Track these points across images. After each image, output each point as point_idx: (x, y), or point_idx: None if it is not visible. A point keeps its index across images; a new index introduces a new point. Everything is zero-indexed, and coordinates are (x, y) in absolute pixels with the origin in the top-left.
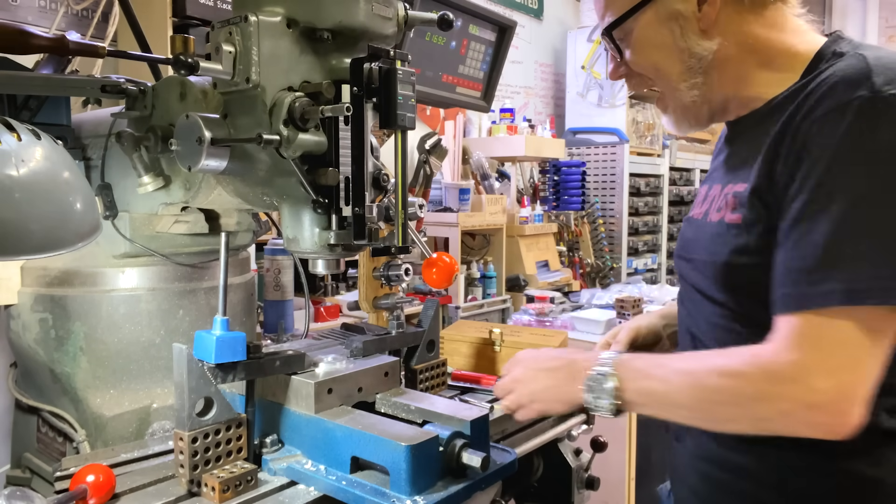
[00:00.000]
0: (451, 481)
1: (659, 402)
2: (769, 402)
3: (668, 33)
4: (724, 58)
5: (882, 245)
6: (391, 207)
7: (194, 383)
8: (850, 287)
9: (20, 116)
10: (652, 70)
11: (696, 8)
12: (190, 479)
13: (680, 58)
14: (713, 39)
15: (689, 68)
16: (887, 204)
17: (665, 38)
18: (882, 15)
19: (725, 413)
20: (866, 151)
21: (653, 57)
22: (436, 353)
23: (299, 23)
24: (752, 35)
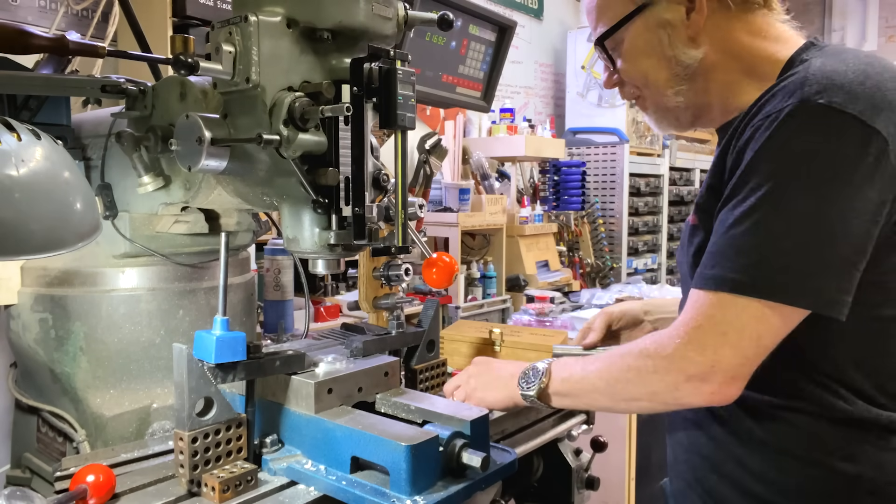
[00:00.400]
0: (451, 481)
1: (578, 388)
2: (660, 374)
3: (657, 42)
4: (710, 66)
5: (774, 245)
6: (391, 207)
7: (194, 383)
8: (739, 278)
9: (20, 116)
10: (641, 78)
11: (684, 16)
12: (190, 479)
13: (668, 65)
14: (700, 48)
15: (676, 75)
16: (787, 208)
17: (654, 46)
18: (882, 15)
19: (630, 391)
20: (780, 156)
21: (642, 65)
22: (436, 353)
23: (299, 23)
24: (737, 43)
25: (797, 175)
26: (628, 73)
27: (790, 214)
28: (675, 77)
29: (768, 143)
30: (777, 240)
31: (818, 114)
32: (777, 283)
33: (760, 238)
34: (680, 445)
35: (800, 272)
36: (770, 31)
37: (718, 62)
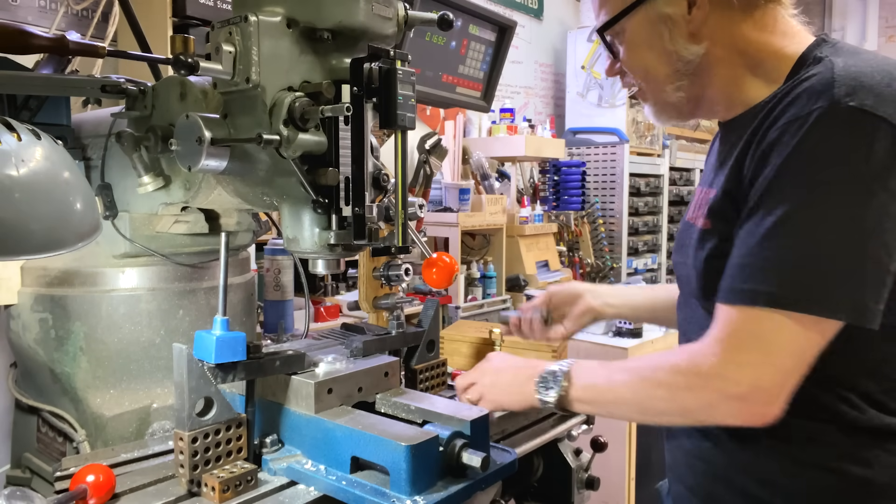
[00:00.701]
0: (451, 481)
1: (602, 398)
2: (695, 392)
3: (658, 36)
4: (713, 60)
5: (810, 256)
6: (391, 207)
7: (194, 383)
8: (775, 292)
9: (20, 116)
10: (641, 71)
11: (685, 11)
12: (190, 479)
13: (668, 60)
14: (701, 43)
15: (677, 71)
16: (822, 217)
17: (654, 40)
18: (882, 15)
19: (659, 406)
20: (812, 162)
21: (643, 58)
22: (436, 353)
23: (299, 23)
24: (741, 38)
25: (830, 182)
26: (629, 65)
27: (825, 224)
28: (675, 72)
29: (798, 149)
30: (812, 251)
31: (850, 117)
32: (815, 296)
33: (795, 250)
34: (680, 449)
35: (837, 284)
36: (777, 26)
37: (722, 57)
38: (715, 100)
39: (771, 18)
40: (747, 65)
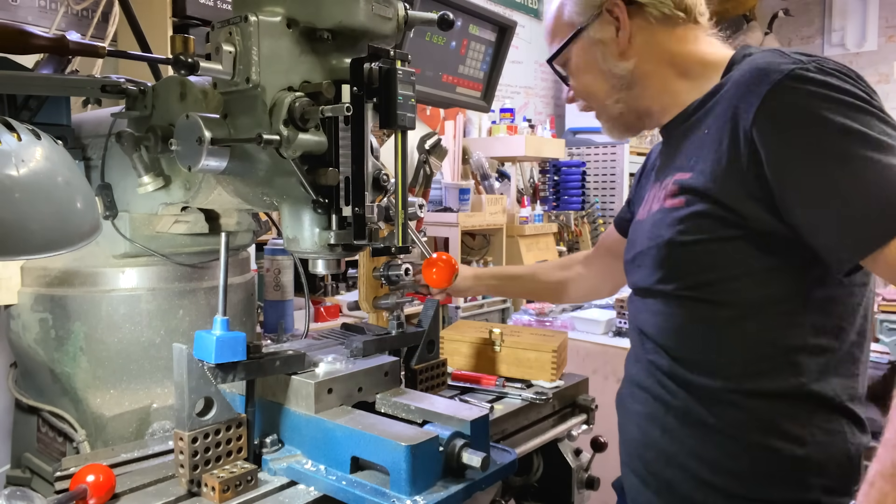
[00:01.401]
0: (451, 481)
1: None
2: None
3: (593, 58)
4: (644, 73)
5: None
6: (391, 207)
7: (194, 383)
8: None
9: (20, 116)
10: (585, 91)
11: (614, 34)
12: (190, 479)
13: (605, 78)
14: (630, 60)
15: (613, 86)
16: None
17: (591, 62)
18: (882, 15)
19: None
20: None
21: (585, 80)
22: (436, 353)
23: (299, 23)
24: (666, 51)
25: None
26: (577, 88)
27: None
28: (612, 88)
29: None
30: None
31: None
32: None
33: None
34: (632, 442)
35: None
36: (699, 38)
37: (651, 70)
38: (652, 109)
39: (692, 34)
40: (677, 73)
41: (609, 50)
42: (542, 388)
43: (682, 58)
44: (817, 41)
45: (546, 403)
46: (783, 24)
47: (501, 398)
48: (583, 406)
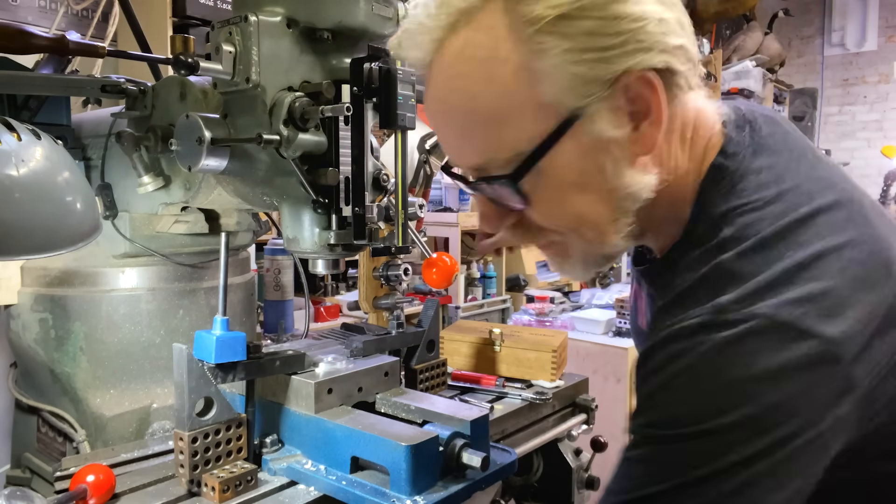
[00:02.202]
0: (450, 481)
1: None
2: None
3: (597, 170)
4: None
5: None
6: (391, 207)
7: (194, 383)
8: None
9: (20, 116)
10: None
11: (631, 131)
12: (190, 479)
13: (610, 200)
14: (654, 171)
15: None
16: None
17: (592, 176)
18: (882, 15)
19: None
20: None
21: (575, 205)
22: (436, 353)
23: (299, 23)
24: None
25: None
26: (551, 217)
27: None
28: (621, 218)
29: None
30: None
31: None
32: None
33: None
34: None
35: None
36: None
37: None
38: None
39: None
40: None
41: (623, 154)
42: (543, 388)
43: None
44: (817, 41)
45: (546, 403)
46: (783, 24)
47: (501, 398)
48: (583, 406)
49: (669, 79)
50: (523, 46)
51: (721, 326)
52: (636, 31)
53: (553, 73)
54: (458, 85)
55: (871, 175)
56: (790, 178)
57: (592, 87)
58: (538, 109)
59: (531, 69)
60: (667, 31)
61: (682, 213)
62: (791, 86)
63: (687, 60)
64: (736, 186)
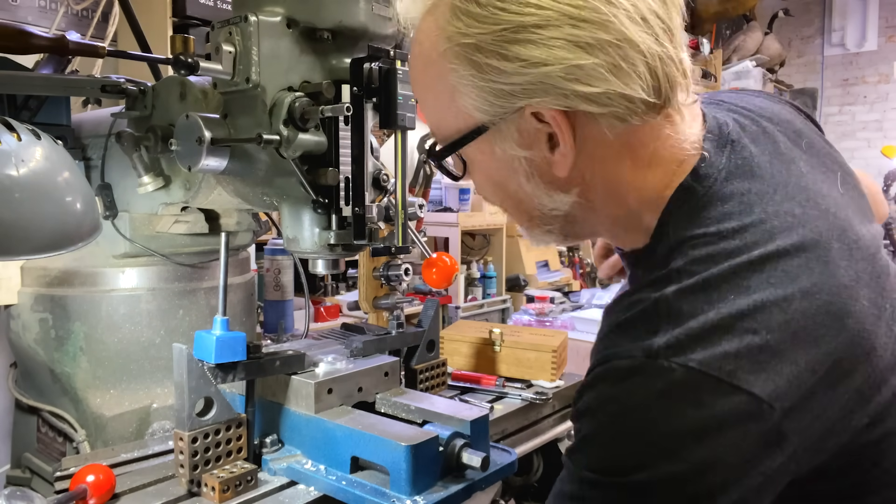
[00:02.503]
0: (450, 481)
1: None
2: None
3: (508, 175)
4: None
5: None
6: (391, 207)
7: (194, 383)
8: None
9: (20, 116)
10: (499, 205)
11: (544, 152)
12: (190, 479)
13: (529, 204)
14: (570, 192)
15: (543, 216)
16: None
17: (505, 179)
18: (882, 15)
19: None
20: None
21: (497, 195)
22: (436, 353)
23: (299, 23)
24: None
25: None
26: (482, 193)
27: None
28: (542, 217)
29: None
30: None
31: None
32: None
33: None
34: None
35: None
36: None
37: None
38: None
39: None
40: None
41: (539, 174)
42: (542, 387)
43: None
44: (817, 41)
45: (546, 403)
46: (783, 24)
47: (501, 398)
48: None
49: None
50: (443, 58)
51: (650, 374)
52: (536, 76)
53: (461, 90)
54: (413, 61)
55: (871, 175)
56: (758, 209)
57: (497, 110)
58: (456, 110)
59: (447, 79)
60: (579, 78)
61: (645, 224)
62: (791, 86)
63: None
64: (699, 213)
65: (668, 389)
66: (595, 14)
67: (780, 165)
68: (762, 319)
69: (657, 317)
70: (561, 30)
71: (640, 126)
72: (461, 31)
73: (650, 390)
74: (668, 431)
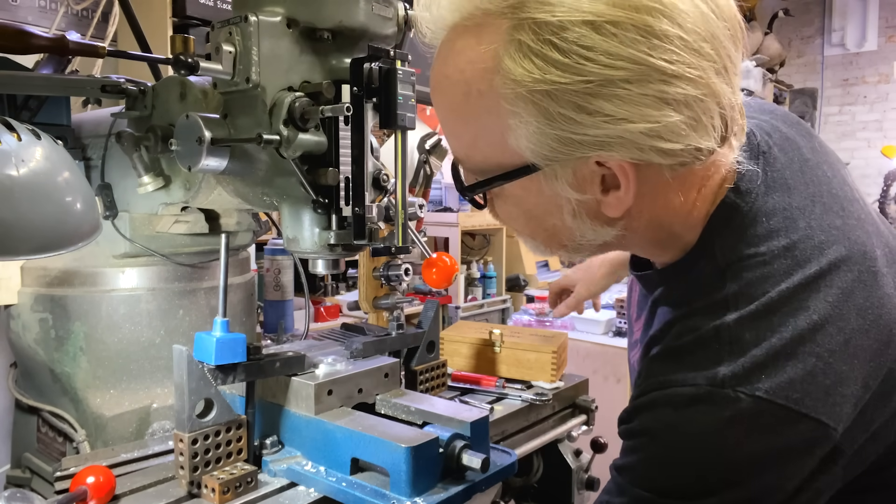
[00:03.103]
0: (451, 483)
1: None
2: None
3: (554, 213)
4: (626, 236)
5: None
6: (391, 207)
7: (194, 385)
8: None
9: (20, 116)
10: (521, 234)
11: (597, 198)
12: (190, 481)
13: (566, 236)
14: (615, 226)
15: (579, 245)
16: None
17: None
18: (882, 15)
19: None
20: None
21: (528, 226)
22: (436, 354)
23: (299, 23)
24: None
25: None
26: (504, 222)
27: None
28: (577, 247)
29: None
30: None
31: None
32: None
33: None
34: None
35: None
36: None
37: (640, 230)
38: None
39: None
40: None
41: (587, 213)
42: (542, 388)
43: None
44: (817, 41)
45: (546, 404)
46: (783, 24)
47: (501, 399)
48: (583, 407)
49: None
50: (499, 95)
51: (716, 402)
52: (616, 131)
53: (517, 131)
54: (446, 83)
55: (871, 175)
56: (803, 224)
57: (558, 155)
58: (503, 147)
59: (500, 117)
60: (660, 135)
61: (684, 241)
62: (791, 86)
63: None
64: (747, 231)
65: (735, 417)
66: (687, 69)
67: (810, 174)
68: (823, 342)
69: (718, 345)
70: (652, 86)
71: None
72: (533, 76)
73: (717, 418)
74: (735, 459)
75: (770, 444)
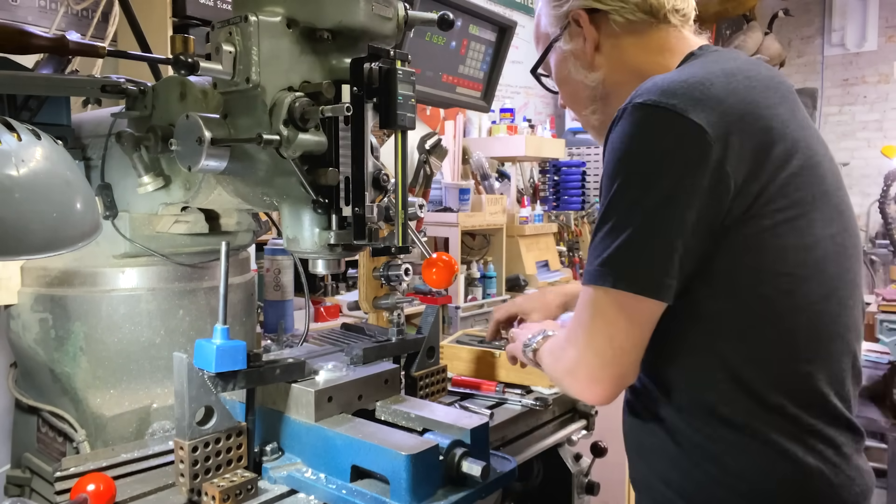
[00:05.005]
0: (451, 490)
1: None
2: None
3: (567, 70)
4: (614, 84)
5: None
6: (391, 207)
7: (194, 392)
8: (589, 269)
9: (20, 116)
10: (567, 100)
11: (581, 45)
12: (190, 488)
13: (580, 89)
14: (598, 70)
15: (588, 97)
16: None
17: (566, 74)
18: (882, 15)
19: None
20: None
21: (565, 90)
22: (436, 359)
23: (299, 23)
24: (633, 60)
25: (623, 172)
26: (562, 96)
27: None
28: (588, 98)
29: (607, 148)
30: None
31: (635, 112)
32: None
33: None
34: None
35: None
36: (667, 45)
37: (621, 80)
38: None
39: (660, 39)
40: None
41: (579, 61)
42: (542, 393)
43: (647, 68)
44: (817, 41)
45: (546, 409)
46: (783, 24)
47: (501, 404)
48: (582, 412)
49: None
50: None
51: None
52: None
53: (543, 16)
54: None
55: (871, 175)
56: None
57: (560, 21)
58: (543, 36)
59: (540, 22)
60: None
61: None
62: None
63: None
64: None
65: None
66: None
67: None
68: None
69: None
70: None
71: (649, 29)
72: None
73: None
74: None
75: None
